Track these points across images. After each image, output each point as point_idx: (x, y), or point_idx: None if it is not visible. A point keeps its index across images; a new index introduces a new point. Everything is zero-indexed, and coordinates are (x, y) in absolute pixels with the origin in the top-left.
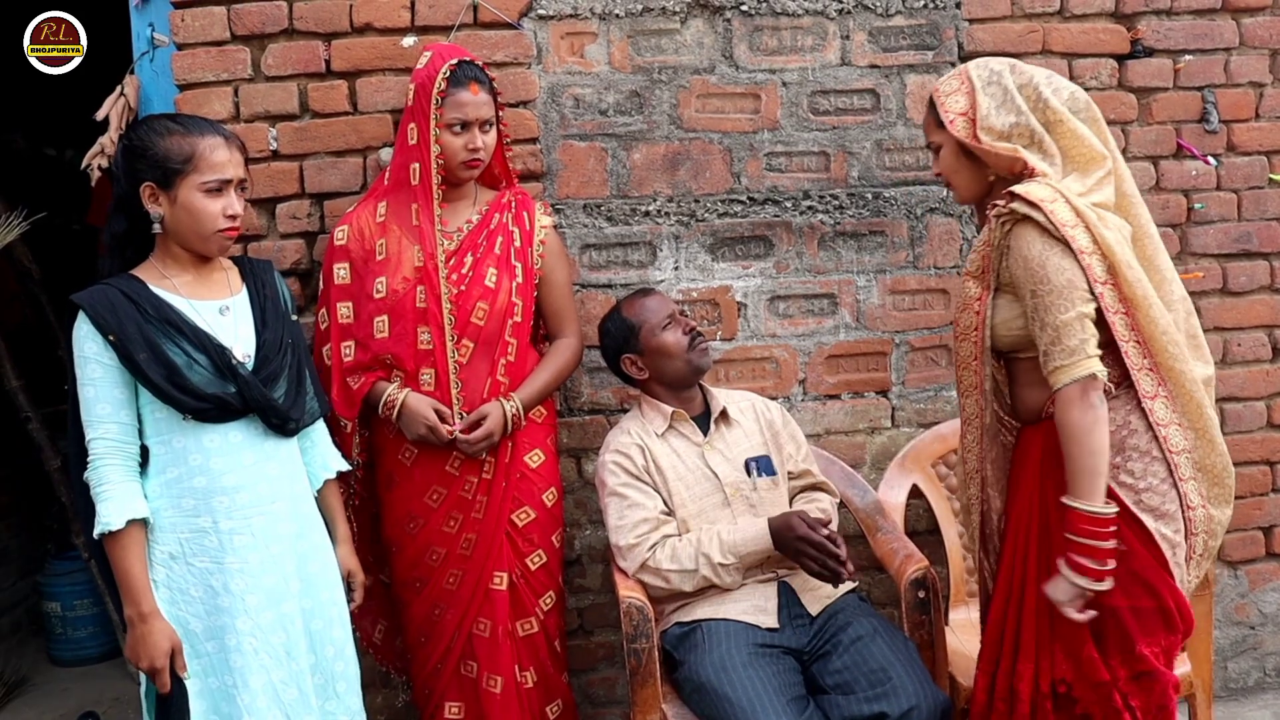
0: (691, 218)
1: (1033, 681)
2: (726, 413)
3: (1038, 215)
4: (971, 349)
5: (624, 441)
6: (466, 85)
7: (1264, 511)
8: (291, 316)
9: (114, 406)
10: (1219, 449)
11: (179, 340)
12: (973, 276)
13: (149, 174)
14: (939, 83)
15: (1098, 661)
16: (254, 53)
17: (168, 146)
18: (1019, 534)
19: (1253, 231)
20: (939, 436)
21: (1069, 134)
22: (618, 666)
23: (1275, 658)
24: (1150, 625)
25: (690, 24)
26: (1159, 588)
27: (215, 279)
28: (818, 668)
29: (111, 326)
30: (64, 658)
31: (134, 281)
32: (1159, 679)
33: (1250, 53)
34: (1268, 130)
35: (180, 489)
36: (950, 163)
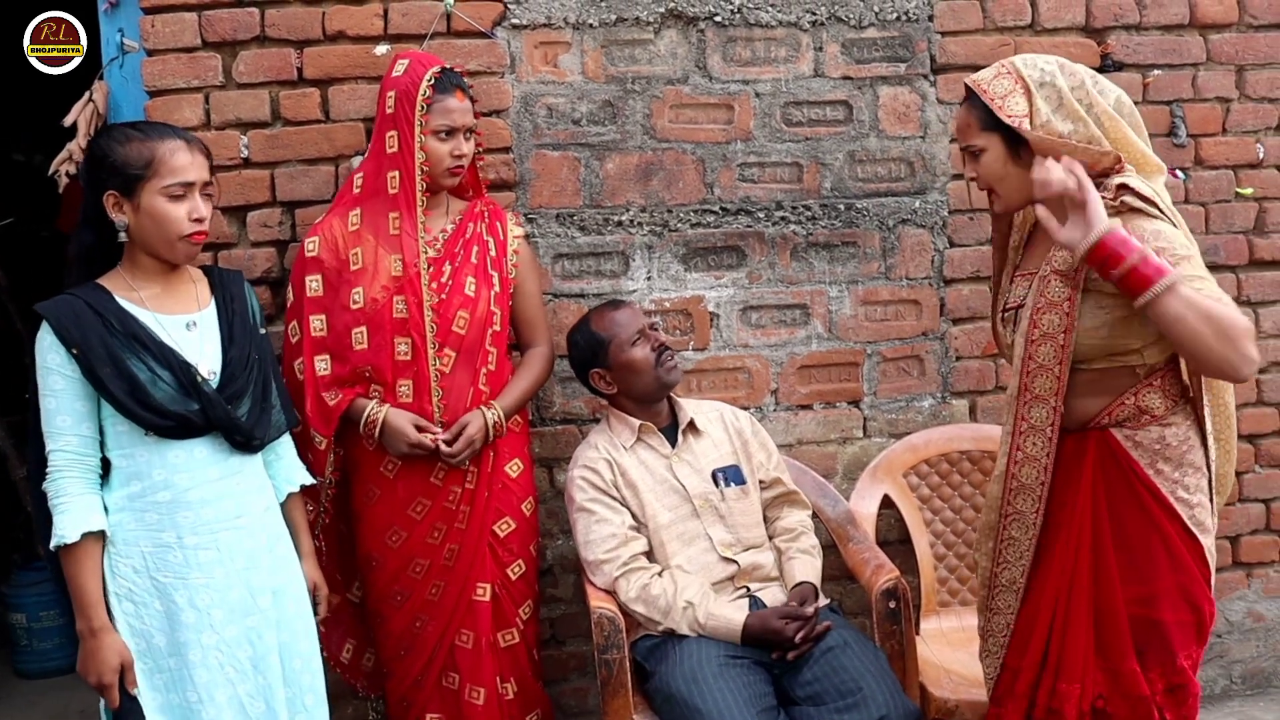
0: (664, 228)
1: (1078, 703)
2: (694, 424)
3: (1150, 209)
4: (1054, 352)
5: (591, 456)
6: (452, 92)
7: (1230, 521)
8: (260, 330)
9: (75, 419)
10: (1233, 460)
11: (143, 356)
12: (1060, 275)
13: (111, 182)
14: (983, 81)
15: (1139, 675)
16: (225, 59)
17: (127, 153)
18: (1069, 549)
19: (1220, 245)
20: (911, 447)
21: (1122, 139)
22: (589, 677)
23: (1242, 665)
24: (1188, 638)
25: (664, 34)
26: (1201, 602)
27: (183, 291)
28: (789, 680)
29: (75, 339)
30: (30, 670)
31: (100, 292)
32: (1190, 690)
33: (1217, 68)
34: (1234, 145)
35: (144, 503)
36: (996, 169)
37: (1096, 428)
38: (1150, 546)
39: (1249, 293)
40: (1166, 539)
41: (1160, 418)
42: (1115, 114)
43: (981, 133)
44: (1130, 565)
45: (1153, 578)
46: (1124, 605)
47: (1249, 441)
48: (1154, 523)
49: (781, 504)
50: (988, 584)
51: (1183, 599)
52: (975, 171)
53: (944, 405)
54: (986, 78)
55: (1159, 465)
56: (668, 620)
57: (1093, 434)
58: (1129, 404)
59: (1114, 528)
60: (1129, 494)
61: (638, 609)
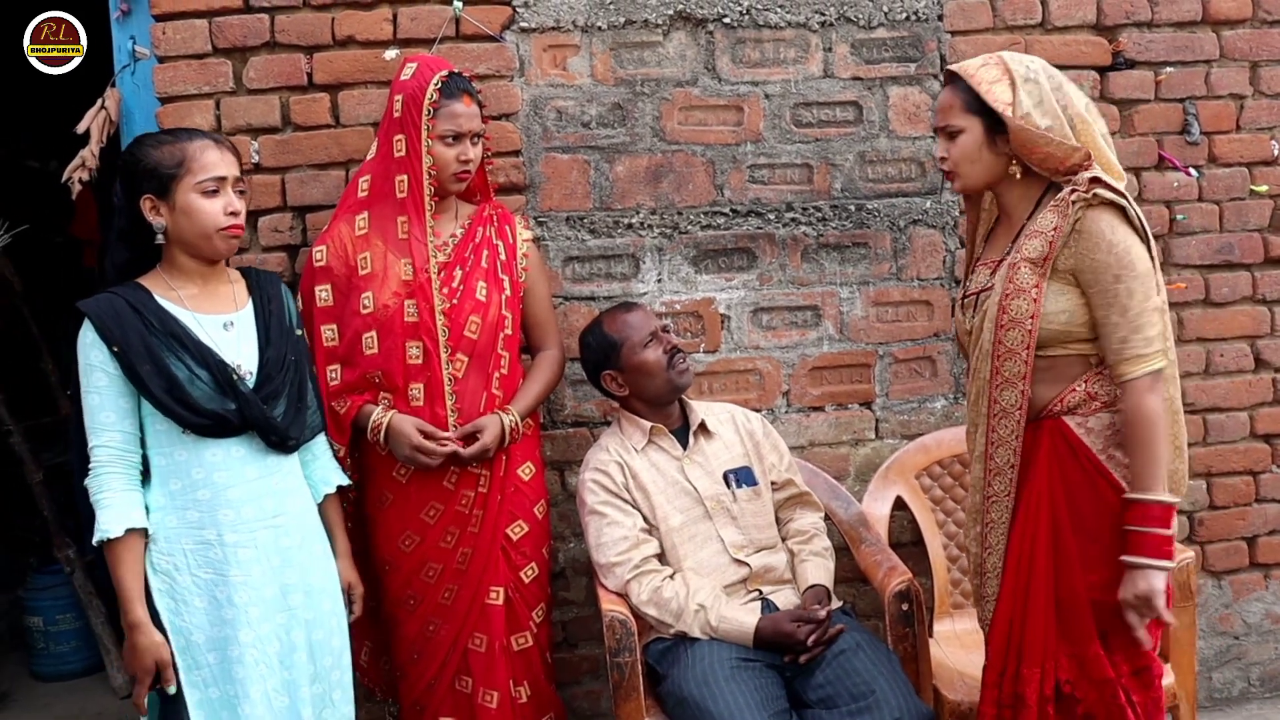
0: (674, 230)
1: (1039, 686)
2: (705, 425)
3: (1123, 203)
4: (1022, 337)
5: (602, 459)
6: (459, 97)
7: (1247, 522)
8: (296, 331)
9: (118, 415)
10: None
11: (181, 354)
12: (1030, 262)
13: (146, 186)
14: (971, 68)
15: (1103, 659)
16: (236, 66)
17: (159, 155)
18: (1025, 538)
19: (1234, 242)
20: (923, 448)
21: (1091, 142)
22: (602, 680)
23: (1260, 667)
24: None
25: (673, 36)
26: None
27: (221, 292)
28: (801, 683)
29: (116, 337)
30: (46, 673)
31: (140, 291)
32: (1154, 672)
33: (1230, 65)
34: (1248, 142)
35: (184, 501)
36: (970, 150)
37: (1049, 416)
38: (1105, 531)
39: (1264, 291)
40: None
41: (1110, 404)
42: (1087, 117)
43: (964, 114)
44: (1089, 551)
45: (1111, 561)
46: (1085, 590)
47: (1265, 441)
48: (1109, 507)
49: (794, 505)
50: (978, 570)
51: None
52: (947, 152)
53: (956, 406)
54: (974, 65)
55: (1110, 450)
56: (679, 623)
57: (1045, 423)
58: (1080, 390)
59: (1071, 514)
60: (1084, 480)
61: (649, 612)
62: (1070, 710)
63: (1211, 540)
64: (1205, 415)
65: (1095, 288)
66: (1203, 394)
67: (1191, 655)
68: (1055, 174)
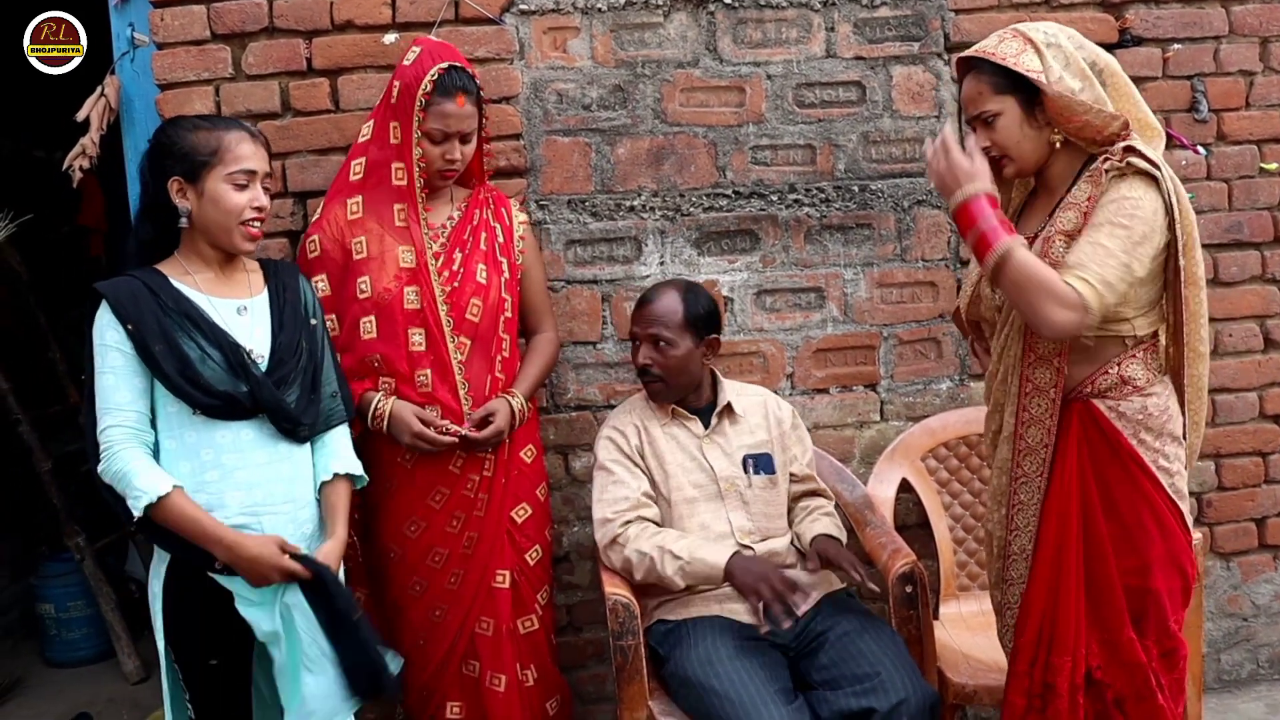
0: (677, 212)
1: (1070, 675)
2: (731, 407)
3: (1156, 171)
4: None
5: (623, 420)
6: (453, 96)
7: (1256, 503)
8: (311, 320)
9: (132, 395)
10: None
11: (194, 334)
12: (1066, 235)
13: (176, 168)
14: (991, 46)
15: (1136, 644)
16: (235, 51)
17: (195, 140)
18: (1058, 521)
19: (1244, 221)
20: (928, 430)
21: (1127, 98)
22: (607, 663)
23: (1268, 649)
24: (1178, 603)
25: (674, 17)
26: (1187, 567)
27: (237, 279)
28: (805, 664)
29: (131, 316)
30: (58, 659)
31: (155, 274)
32: (1180, 653)
33: (1240, 41)
34: (1258, 119)
35: (193, 484)
36: (1014, 132)
37: (1079, 398)
38: (1140, 516)
39: (1274, 270)
40: (1154, 508)
41: (1142, 388)
42: (1116, 69)
43: (995, 97)
44: (1122, 536)
45: (1145, 547)
46: (1119, 576)
47: (1275, 422)
48: (1141, 492)
49: (807, 496)
50: (1001, 554)
51: (1172, 566)
52: (989, 139)
53: (962, 388)
54: (992, 44)
55: (1142, 435)
56: (654, 552)
57: (1075, 404)
58: (1113, 373)
59: (1103, 499)
60: (1116, 464)
61: (630, 552)
62: (1100, 695)
63: (1220, 521)
64: (1214, 396)
65: (1088, 225)
66: (1212, 375)
67: (1198, 638)
68: (1093, 144)
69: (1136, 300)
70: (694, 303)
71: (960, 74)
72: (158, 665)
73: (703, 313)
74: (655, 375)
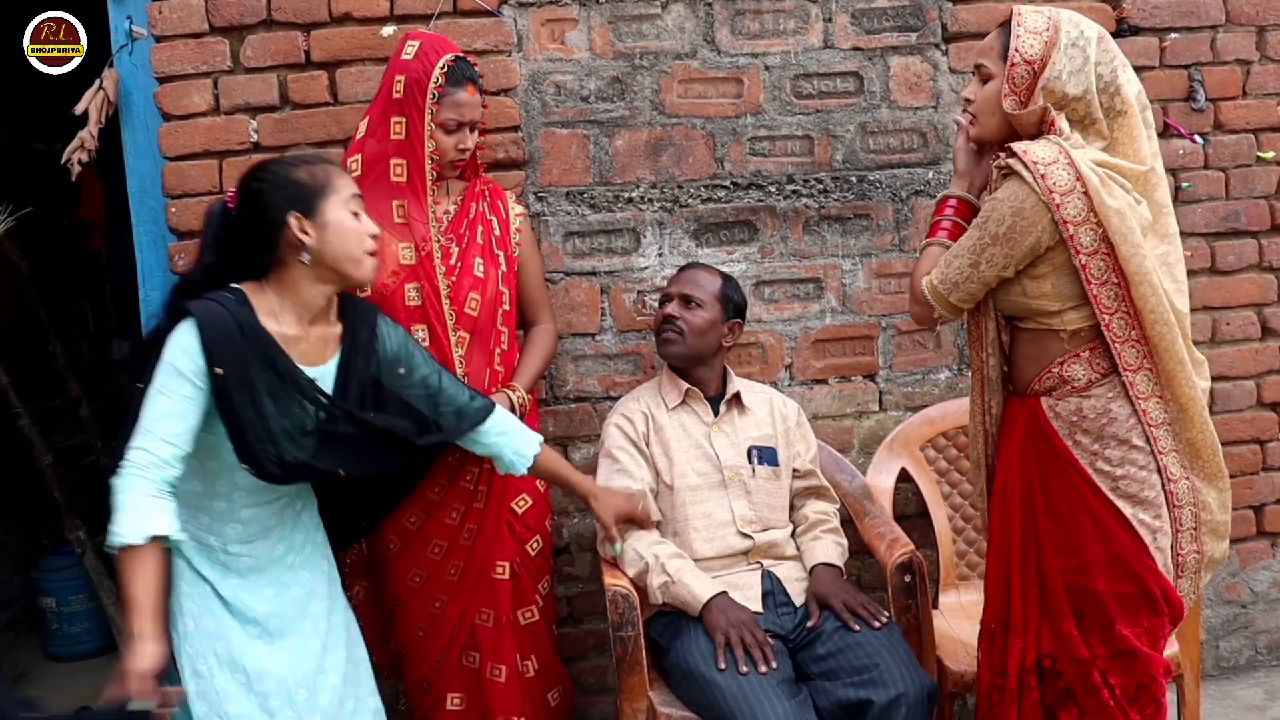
0: (675, 204)
1: (1019, 657)
2: (739, 398)
3: (1027, 175)
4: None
5: (631, 407)
6: (464, 85)
7: (1254, 490)
8: (399, 370)
9: (181, 430)
10: (1199, 426)
11: (277, 391)
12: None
13: (294, 204)
14: (1024, 13)
15: (1077, 638)
16: (233, 44)
17: (306, 173)
18: (1003, 514)
19: (1241, 210)
20: (927, 420)
21: (1127, 130)
22: (607, 655)
23: (1267, 636)
24: (1132, 608)
25: (671, 9)
26: (1141, 573)
27: (315, 337)
28: (803, 655)
29: (220, 358)
30: (60, 653)
31: (246, 309)
32: (1140, 659)
33: (1237, 30)
34: (1255, 108)
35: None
36: (992, 99)
37: (1031, 394)
38: (1076, 516)
39: (1271, 259)
40: (1091, 510)
41: (1081, 389)
42: (1135, 104)
43: (998, 60)
44: (1061, 534)
45: (1082, 548)
46: (1059, 572)
47: (1273, 410)
48: (1077, 493)
49: (809, 495)
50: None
51: (1118, 570)
52: (974, 94)
53: (960, 377)
54: (1028, 11)
55: (1076, 436)
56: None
57: (1027, 401)
58: (1055, 373)
59: (1044, 497)
60: (1054, 464)
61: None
62: (1054, 683)
63: None
64: (1212, 384)
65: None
66: (1210, 363)
67: (1196, 625)
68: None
69: (1058, 293)
70: (730, 285)
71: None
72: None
73: (736, 297)
74: (676, 329)
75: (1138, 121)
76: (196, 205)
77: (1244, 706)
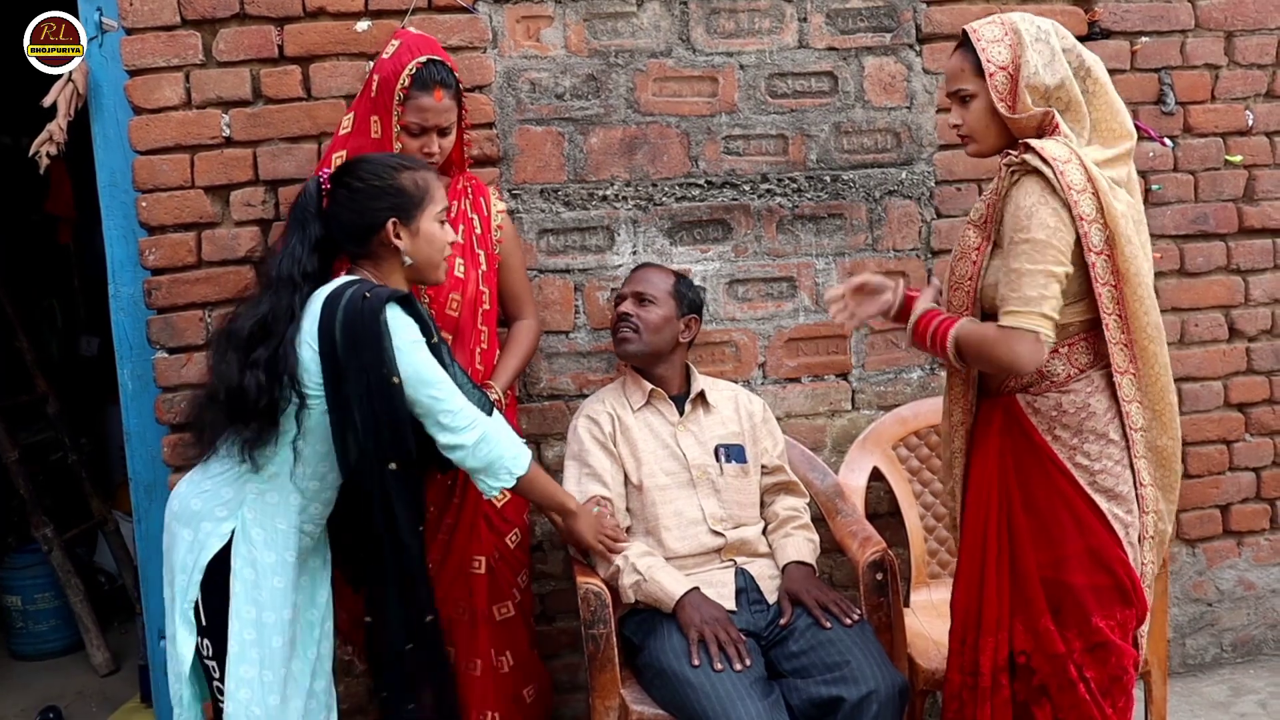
0: (649, 202)
1: (992, 656)
2: (704, 396)
3: (1047, 171)
4: (964, 299)
5: (596, 409)
6: (431, 90)
7: (1221, 490)
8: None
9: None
10: (1170, 433)
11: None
12: (974, 225)
13: (394, 211)
14: (977, 27)
15: (1054, 634)
16: (205, 38)
17: (410, 181)
18: (978, 511)
19: (1209, 213)
20: (899, 419)
21: (1105, 105)
22: (580, 653)
23: (1232, 633)
24: (1107, 601)
25: (647, 7)
26: (1114, 566)
27: None
28: (775, 652)
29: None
30: (25, 652)
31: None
32: (1114, 650)
33: (1206, 35)
34: (1223, 112)
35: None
36: (981, 118)
37: (1006, 392)
38: (1055, 511)
39: (1238, 260)
40: (1070, 504)
41: (1060, 384)
42: (1102, 79)
43: (974, 78)
44: (1039, 529)
45: (1060, 542)
46: (1035, 568)
47: (1239, 410)
48: (1056, 488)
49: (779, 491)
50: (955, 525)
51: (1094, 563)
52: (962, 118)
53: (932, 377)
54: (981, 23)
55: (1056, 431)
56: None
57: (1002, 398)
58: None
59: (1022, 493)
60: (1033, 459)
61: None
62: (1028, 680)
63: (1185, 508)
64: (1180, 385)
65: (1004, 244)
66: (1177, 364)
67: (1163, 623)
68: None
69: None
70: (683, 282)
71: (958, 45)
72: (127, 658)
73: (690, 293)
74: (632, 325)
75: (1112, 93)
76: (167, 200)
77: (1209, 703)
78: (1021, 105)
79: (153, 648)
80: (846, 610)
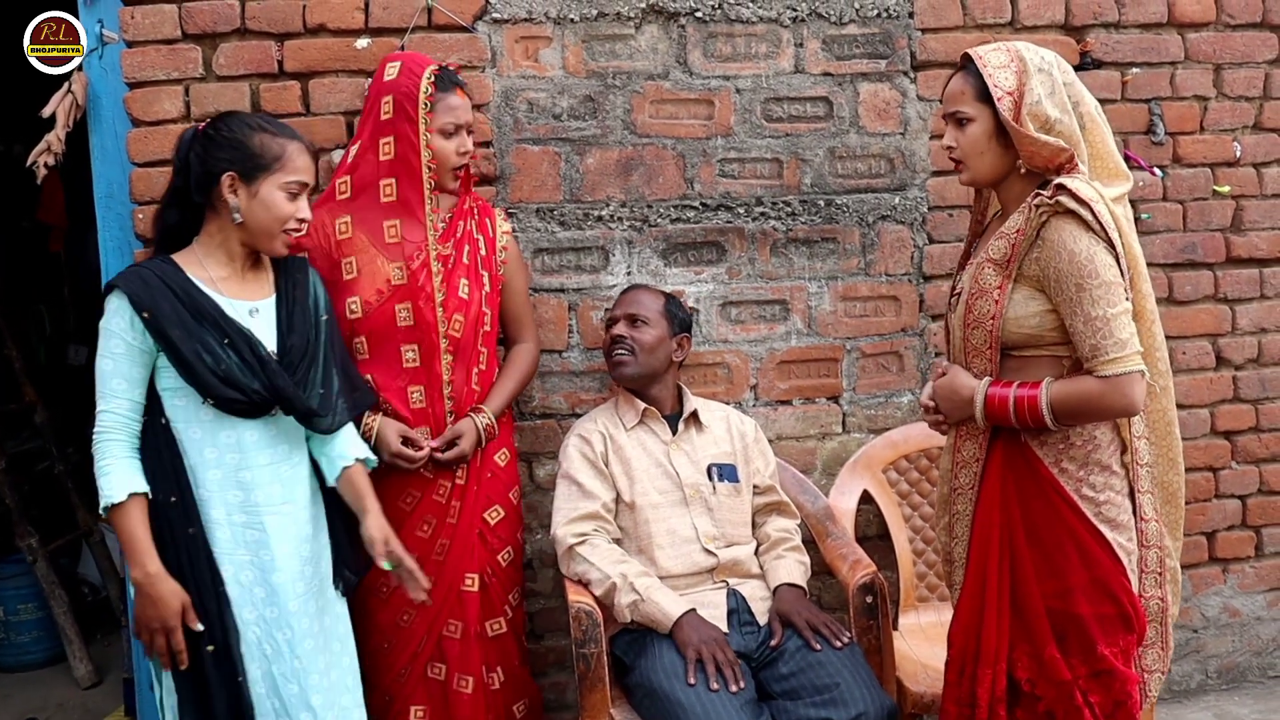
0: (644, 223)
1: (990, 687)
2: (697, 416)
3: (1084, 212)
4: (985, 337)
5: (588, 428)
6: (453, 90)
7: (1207, 517)
8: (322, 317)
9: (129, 384)
10: (1177, 469)
11: (208, 330)
12: (995, 264)
13: (235, 165)
14: (981, 52)
15: (1060, 662)
16: (205, 52)
17: (261, 142)
18: (982, 542)
19: (1197, 242)
20: (890, 442)
21: (1101, 143)
22: (569, 671)
23: (1217, 660)
24: (1111, 629)
25: (645, 30)
26: (1119, 594)
27: (250, 278)
28: (765, 674)
29: (146, 304)
30: (7, 663)
31: (169, 265)
32: (1117, 676)
33: (1195, 67)
34: (1211, 143)
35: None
36: (979, 141)
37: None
38: (1061, 542)
39: (1225, 290)
40: (1075, 535)
41: None
42: (1097, 118)
43: (974, 102)
44: (1044, 561)
45: (1066, 573)
46: (1040, 597)
47: (1225, 438)
48: (1062, 520)
49: (770, 511)
50: (948, 558)
51: (1100, 593)
52: (956, 140)
53: None
54: (986, 49)
55: (1063, 464)
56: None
57: (1003, 432)
58: None
59: (1026, 524)
60: (1037, 491)
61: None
62: (1031, 708)
63: None
64: None
65: (1060, 297)
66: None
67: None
68: (1045, 171)
69: (1057, 322)
70: (673, 302)
71: (959, 67)
72: (110, 670)
73: (680, 313)
74: (627, 347)
75: (1107, 132)
76: None
77: None
78: (1030, 133)
79: (137, 660)
80: (837, 633)
